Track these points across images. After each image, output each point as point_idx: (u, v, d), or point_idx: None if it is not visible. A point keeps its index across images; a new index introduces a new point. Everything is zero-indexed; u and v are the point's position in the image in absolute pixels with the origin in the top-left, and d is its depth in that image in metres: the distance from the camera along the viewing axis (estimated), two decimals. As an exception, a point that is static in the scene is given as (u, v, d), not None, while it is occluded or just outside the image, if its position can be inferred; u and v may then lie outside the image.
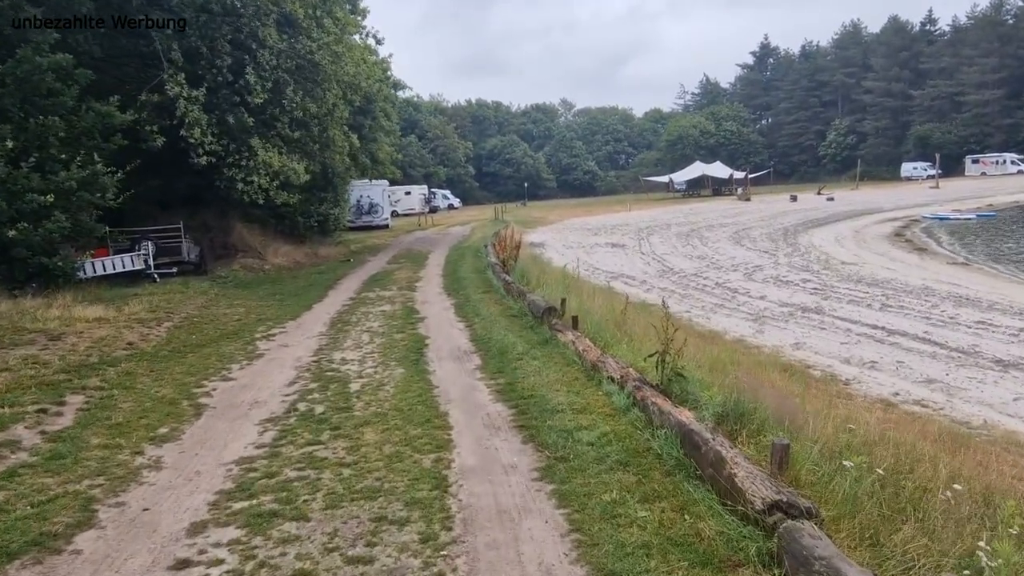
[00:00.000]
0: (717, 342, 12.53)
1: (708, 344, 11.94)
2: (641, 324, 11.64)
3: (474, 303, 14.10)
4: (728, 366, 9.48)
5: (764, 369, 9.92)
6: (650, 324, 11.80)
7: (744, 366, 9.80)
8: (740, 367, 9.63)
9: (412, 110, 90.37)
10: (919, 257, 27.38)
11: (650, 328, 11.45)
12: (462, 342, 10.49)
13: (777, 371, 10.16)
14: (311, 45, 20.86)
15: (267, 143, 20.34)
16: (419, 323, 12.31)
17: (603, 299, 13.65)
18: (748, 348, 12.11)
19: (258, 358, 9.80)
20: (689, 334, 13.01)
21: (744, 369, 9.54)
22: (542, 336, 10.24)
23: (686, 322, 14.55)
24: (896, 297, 17.22)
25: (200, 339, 11.15)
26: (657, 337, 9.83)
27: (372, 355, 9.76)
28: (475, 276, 18.61)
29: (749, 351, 11.64)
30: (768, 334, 13.24)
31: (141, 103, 18.03)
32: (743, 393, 6.15)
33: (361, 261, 25.83)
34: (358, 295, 16.49)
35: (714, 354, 10.90)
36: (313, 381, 8.32)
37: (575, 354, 8.82)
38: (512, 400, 7.15)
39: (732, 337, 13.08)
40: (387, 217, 44.15)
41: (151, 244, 19.10)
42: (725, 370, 8.40)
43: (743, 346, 12.19)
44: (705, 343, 11.86)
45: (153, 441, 6.18)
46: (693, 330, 13.37)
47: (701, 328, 13.87)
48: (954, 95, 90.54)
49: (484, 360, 9.17)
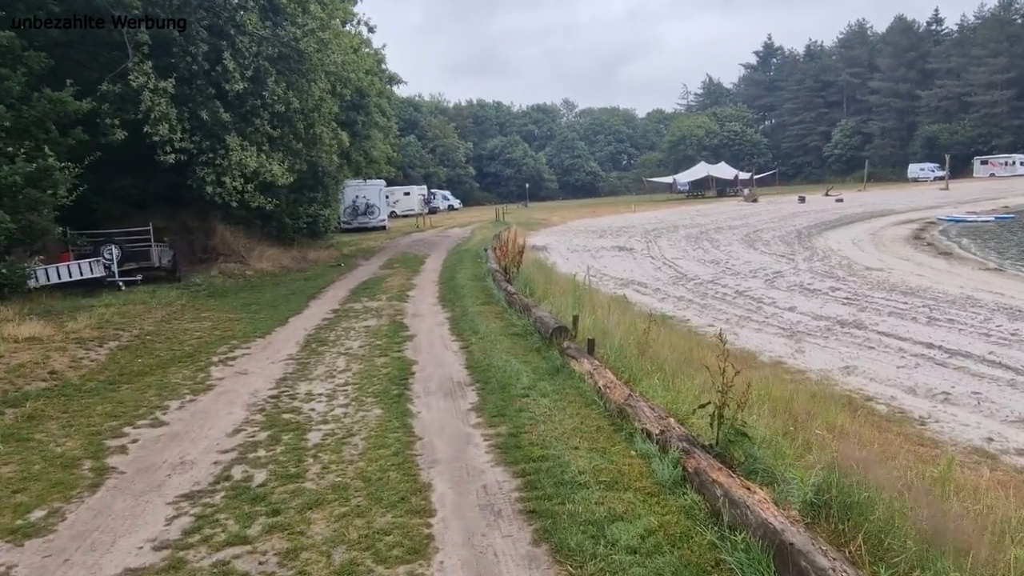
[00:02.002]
0: (753, 365, 10.77)
1: (745, 368, 10.18)
2: (667, 346, 9.90)
3: (472, 317, 12.35)
4: (782, 402, 7.75)
5: (821, 404, 8.16)
6: (681, 347, 10.08)
7: (797, 399, 8.08)
8: (796, 403, 7.91)
9: (412, 110, 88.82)
10: (947, 262, 25.62)
11: (682, 353, 9.72)
12: (456, 369, 8.74)
13: (834, 404, 8.42)
14: (295, 32, 19.11)
15: (245, 140, 18.56)
16: (407, 343, 10.56)
17: (619, 313, 11.90)
18: (791, 373, 10.35)
19: (206, 391, 8.05)
20: (712, 352, 11.34)
21: (801, 406, 7.81)
22: (551, 363, 8.49)
23: (713, 339, 12.81)
24: (940, 308, 15.48)
25: (145, 364, 9.39)
26: (693, 366, 8.08)
27: (345, 388, 8.01)
28: (474, 284, 16.85)
29: (794, 378, 9.87)
30: (809, 354, 11.48)
31: (102, 93, 16.29)
32: (844, 468, 4.40)
33: (352, 266, 24.08)
34: (342, 306, 14.74)
35: (757, 383, 9.17)
36: (264, 428, 6.56)
37: (594, 391, 7.08)
38: (518, 462, 5.40)
39: (769, 358, 11.32)
40: (384, 218, 42.32)
41: (116, 249, 17.34)
42: (789, 412, 6.69)
43: (784, 370, 10.43)
44: (743, 367, 10.11)
45: (14, 536, 4.42)
46: (719, 348, 11.63)
47: (731, 346, 12.10)
48: (962, 95, 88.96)
49: (482, 396, 7.41)
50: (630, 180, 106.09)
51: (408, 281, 18.60)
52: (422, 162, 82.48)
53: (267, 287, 18.74)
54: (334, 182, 26.38)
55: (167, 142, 16.72)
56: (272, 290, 18.05)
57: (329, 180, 24.95)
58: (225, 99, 18.54)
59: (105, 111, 16.52)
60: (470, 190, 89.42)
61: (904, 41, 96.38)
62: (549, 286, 15.00)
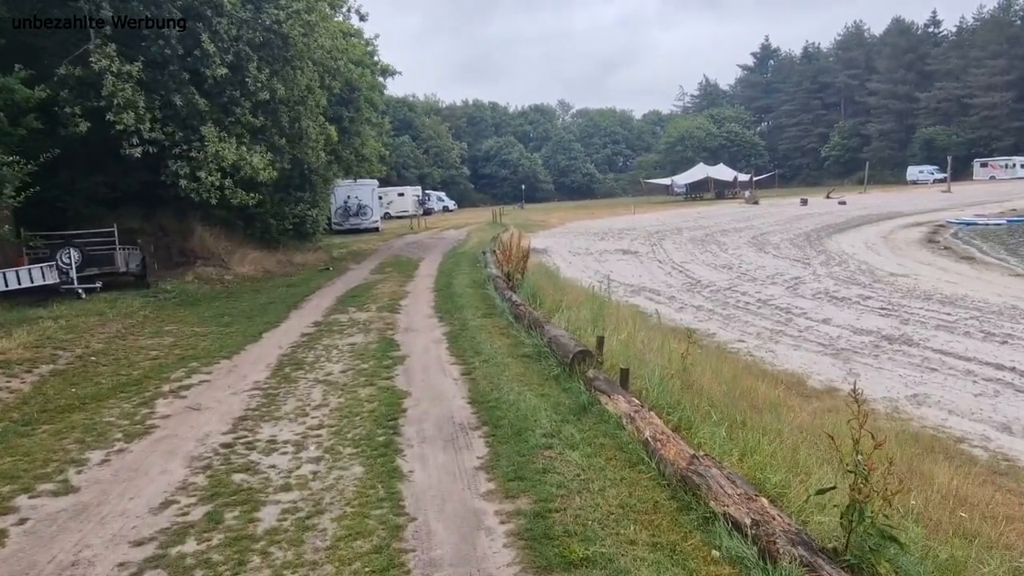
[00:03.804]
0: (804, 392, 9.20)
1: (797, 398, 8.60)
2: (708, 372, 8.29)
3: (472, 333, 10.71)
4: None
5: (906, 448, 6.58)
6: (724, 373, 8.40)
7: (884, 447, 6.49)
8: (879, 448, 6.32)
9: (406, 110, 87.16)
10: (971, 267, 24.20)
11: (727, 381, 8.06)
12: (457, 405, 7.10)
13: (920, 449, 6.84)
14: (278, 14, 17.42)
15: (224, 131, 16.85)
16: (398, 366, 8.92)
17: (644, 329, 10.30)
18: (849, 403, 8.76)
19: (143, 436, 6.38)
20: (758, 378, 9.72)
21: (889, 452, 6.23)
22: (576, 398, 6.88)
23: (745, 358, 11.23)
24: (989, 321, 13.96)
25: (78, 396, 7.71)
26: (750, 401, 6.53)
27: (319, 432, 6.37)
28: (473, 292, 15.20)
29: (863, 412, 8.28)
30: (866, 378, 9.90)
31: (60, 78, 14.59)
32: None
33: (342, 270, 22.39)
34: (326, 318, 13.07)
35: (816, 414, 7.58)
36: (204, 499, 4.91)
37: (638, 443, 5.46)
38: (552, 569, 3.78)
39: (820, 383, 9.74)
40: (377, 219, 40.54)
41: (75, 252, 15.63)
42: (880, 464, 5.11)
43: (843, 400, 8.83)
44: (794, 398, 8.52)
45: None
46: (762, 372, 10.04)
47: (771, 368, 10.53)
48: (961, 97, 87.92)
49: (492, 447, 5.79)
50: (626, 182, 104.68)
51: (401, 288, 16.94)
52: (416, 163, 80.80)
53: (246, 294, 17.04)
54: (323, 181, 24.61)
55: (134, 132, 15.01)
56: (251, 298, 16.35)
57: (317, 179, 23.17)
58: (202, 86, 16.84)
59: (64, 98, 14.84)
60: (465, 191, 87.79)
61: (903, 42, 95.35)
62: (559, 295, 13.38)
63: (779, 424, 6.34)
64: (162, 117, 16.11)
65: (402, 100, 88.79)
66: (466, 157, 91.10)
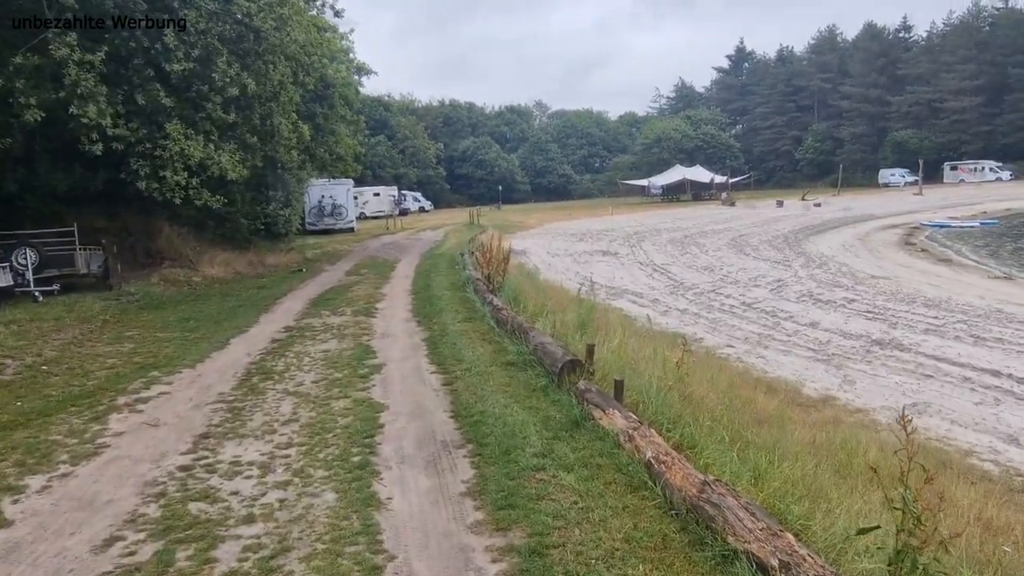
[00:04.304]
0: (800, 401, 8.83)
1: (795, 408, 8.22)
2: (704, 381, 7.87)
3: (453, 339, 10.19)
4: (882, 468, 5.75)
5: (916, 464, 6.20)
6: (720, 383, 7.92)
7: (889, 461, 6.12)
8: (890, 465, 5.95)
9: (382, 109, 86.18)
10: (950, 270, 24.25)
11: (723, 391, 7.58)
12: (439, 420, 6.59)
13: (933, 465, 6.48)
14: (250, 7, 16.72)
15: (191, 128, 16.11)
16: (374, 375, 8.38)
17: (633, 335, 9.87)
18: (849, 412, 8.42)
19: (91, 458, 5.78)
20: (754, 387, 9.34)
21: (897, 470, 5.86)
22: (567, 412, 6.40)
23: (736, 364, 10.86)
24: (976, 324, 13.79)
25: (23, 410, 7.05)
26: (751, 414, 6.14)
27: (288, 451, 5.82)
28: (452, 294, 14.68)
29: (859, 421, 7.93)
30: (862, 386, 9.58)
31: (16, 67, 13.76)
32: None
33: (315, 271, 21.69)
34: (298, 323, 12.45)
35: (816, 427, 7.20)
36: (155, 534, 4.34)
37: (640, 464, 4.99)
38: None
39: (815, 391, 9.40)
40: (352, 220, 39.71)
41: (32, 253, 14.80)
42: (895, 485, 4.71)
43: (843, 410, 8.49)
44: (793, 408, 8.14)
45: None
46: (756, 380, 9.67)
47: (761, 375, 10.16)
48: (932, 101, 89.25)
49: (479, 469, 5.28)
50: (602, 183, 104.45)
51: (377, 291, 16.35)
52: (392, 163, 79.86)
53: (214, 297, 16.32)
54: (296, 180, 23.85)
55: (95, 127, 14.23)
56: (219, 301, 15.64)
57: (290, 177, 22.43)
58: (168, 81, 16.08)
59: (20, 89, 14.00)
60: (441, 192, 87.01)
61: (875, 47, 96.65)
62: (541, 298, 12.92)
63: (786, 440, 5.92)
64: (125, 113, 15.35)
65: (377, 100, 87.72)
66: (442, 157, 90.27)
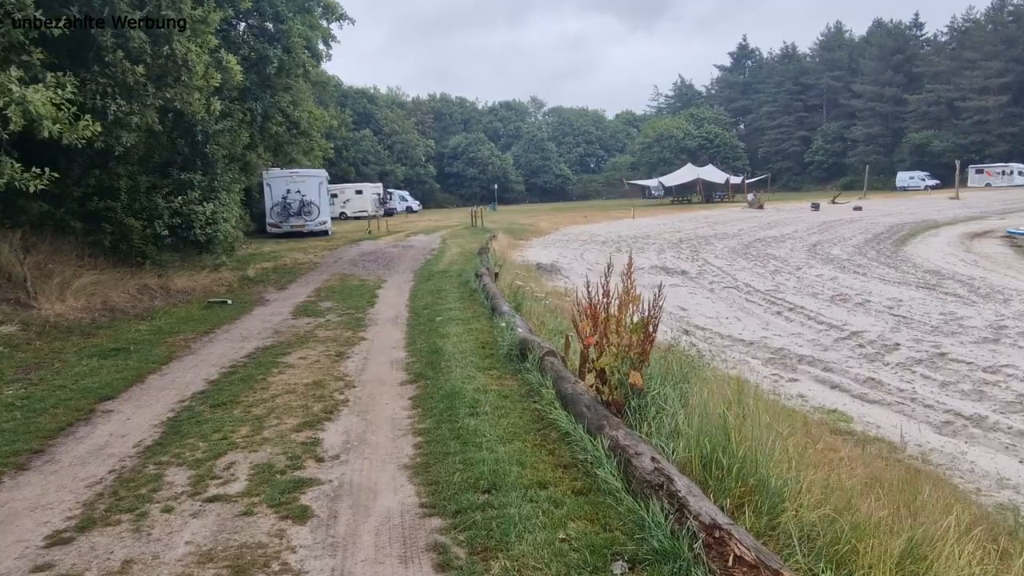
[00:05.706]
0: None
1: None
2: None
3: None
4: None
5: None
6: None
7: None
8: None
9: (367, 102, 78.96)
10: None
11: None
12: None
13: None
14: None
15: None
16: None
17: None
18: None
19: None
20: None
21: None
22: None
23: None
24: None
25: None
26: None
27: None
28: (492, 370, 7.54)
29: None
30: None
31: None
32: None
33: (247, 304, 13.84)
34: (125, 477, 5.23)
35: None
36: None
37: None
38: None
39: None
40: (326, 220, 32.03)
41: None
42: None
43: None
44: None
45: None
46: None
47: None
48: (953, 100, 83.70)
49: None
50: (600, 183, 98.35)
51: (345, 349, 9.15)
52: (377, 159, 72.60)
53: (18, 373, 8.86)
54: (238, 165, 16.25)
55: None
56: (20, 385, 8.25)
57: (217, 151, 14.65)
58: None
59: None
60: (431, 191, 79.96)
61: (890, 43, 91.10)
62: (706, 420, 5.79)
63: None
64: None
65: (362, 91, 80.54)
66: (432, 154, 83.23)
